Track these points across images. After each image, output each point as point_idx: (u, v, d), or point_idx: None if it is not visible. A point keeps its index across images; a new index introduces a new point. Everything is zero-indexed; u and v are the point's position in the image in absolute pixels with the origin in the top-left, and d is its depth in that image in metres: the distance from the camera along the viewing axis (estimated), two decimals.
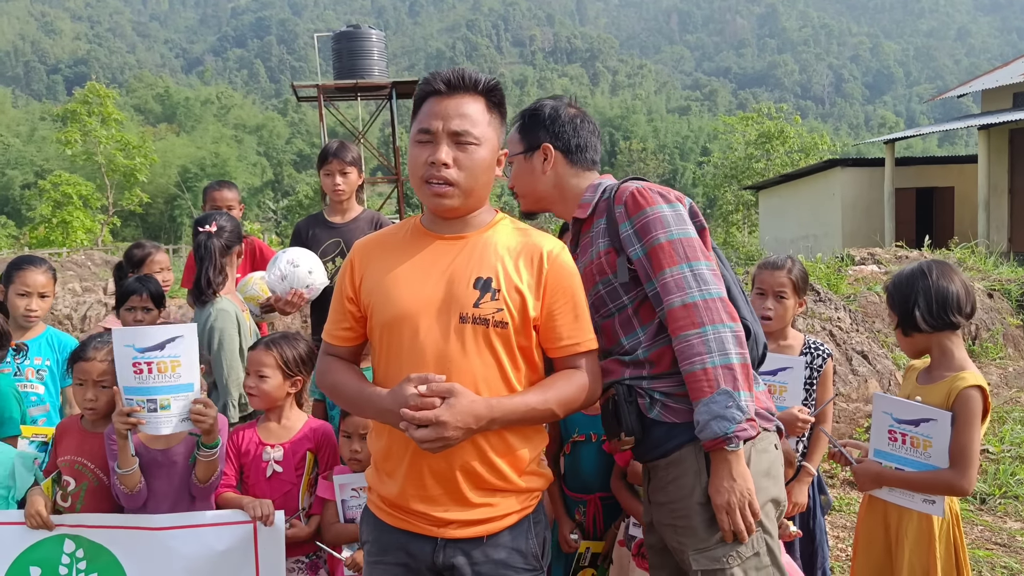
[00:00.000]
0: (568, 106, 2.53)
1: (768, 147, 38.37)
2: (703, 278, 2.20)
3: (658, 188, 2.36)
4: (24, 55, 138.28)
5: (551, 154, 2.47)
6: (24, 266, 3.71)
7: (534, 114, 2.52)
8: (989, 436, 6.13)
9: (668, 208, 2.28)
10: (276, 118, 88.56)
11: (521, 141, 2.52)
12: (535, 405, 2.09)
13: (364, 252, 2.27)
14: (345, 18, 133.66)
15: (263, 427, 3.11)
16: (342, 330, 2.27)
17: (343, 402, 2.30)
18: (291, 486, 3.04)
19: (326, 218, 4.46)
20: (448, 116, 2.10)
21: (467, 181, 2.11)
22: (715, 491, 2.17)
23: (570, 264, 2.20)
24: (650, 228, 2.27)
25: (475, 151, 2.11)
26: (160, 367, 2.62)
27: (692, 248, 2.24)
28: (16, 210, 48.52)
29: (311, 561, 3.07)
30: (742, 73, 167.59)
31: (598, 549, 2.95)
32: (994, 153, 19.40)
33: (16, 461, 2.98)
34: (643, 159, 68.60)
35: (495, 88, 2.17)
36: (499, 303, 2.08)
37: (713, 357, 2.14)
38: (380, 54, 23.91)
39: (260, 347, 3.10)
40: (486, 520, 2.12)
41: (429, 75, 2.17)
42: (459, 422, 1.97)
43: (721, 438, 2.10)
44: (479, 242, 2.17)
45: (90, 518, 2.82)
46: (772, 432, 2.35)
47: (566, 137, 2.47)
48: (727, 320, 2.18)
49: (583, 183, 2.50)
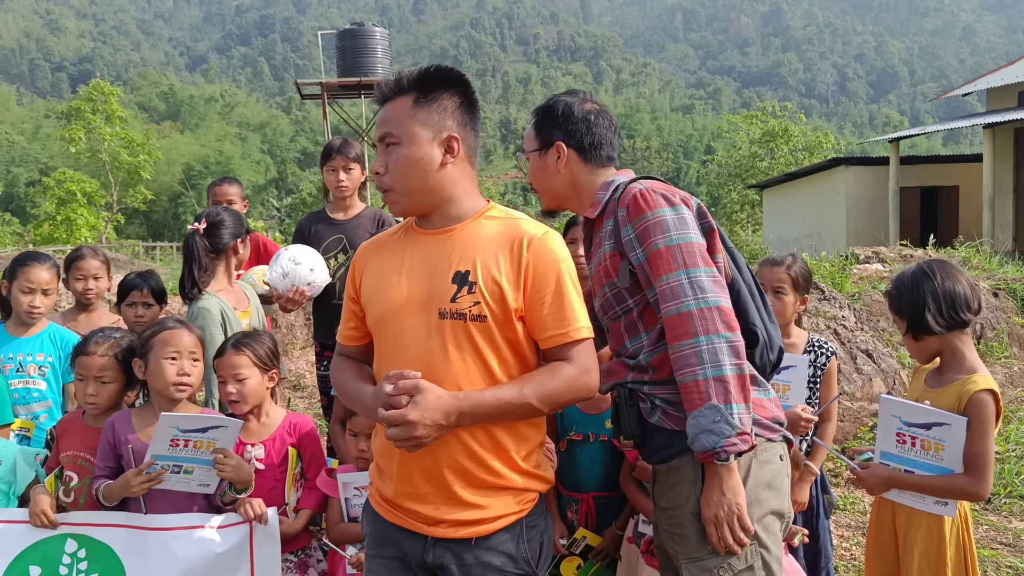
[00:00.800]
0: (584, 102, 2.48)
1: (772, 146, 38.28)
2: (700, 286, 2.14)
3: (663, 189, 2.31)
4: (29, 52, 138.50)
5: (564, 152, 2.44)
6: (28, 262, 3.71)
7: (548, 111, 2.48)
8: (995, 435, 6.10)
9: (670, 212, 2.22)
10: (280, 116, 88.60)
11: (536, 138, 2.50)
12: (509, 399, 2.02)
13: (364, 253, 2.30)
14: (349, 16, 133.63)
15: (243, 427, 3.05)
16: (349, 330, 2.31)
17: (345, 400, 2.31)
18: (275, 482, 3.04)
19: (329, 215, 4.47)
20: (378, 125, 2.16)
21: (395, 182, 2.11)
22: (704, 503, 2.14)
23: (555, 249, 2.10)
24: (650, 233, 2.21)
25: (395, 151, 2.11)
26: (196, 444, 2.74)
27: (691, 254, 2.17)
28: (21, 207, 48.59)
29: (299, 560, 3.06)
30: (746, 72, 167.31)
31: (594, 543, 2.93)
32: (999, 152, 19.32)
33: (18, 456, 2.99)
34: (647, 158, 68.43)
35: (422, 78, 2.12)
36: (475, 296, 2.04)
37: (705, 369, 2.08)
38: (384, 52, 23.87)
39: (228, 351, 3.05)
40: (477, 522, 2.08)
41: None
42: (427, 419, 1.93)
43: (710, 452, 2.07)
44: (463, 234, 2.13)
45: (94, 516, 2.83)
46: (778, 442, 2.30)
47: (579, 135, 2.43)
48: (723, 330, 2.11)
49: (598, 180, 2.45)
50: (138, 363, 2.90)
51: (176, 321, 2.96)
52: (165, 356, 2.84)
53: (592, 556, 2.94)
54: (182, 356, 2.86)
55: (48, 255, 3.98)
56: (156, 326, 2.93)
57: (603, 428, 2.95)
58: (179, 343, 2.87)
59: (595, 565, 2.95)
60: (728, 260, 2.34)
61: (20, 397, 3.62)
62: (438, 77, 2.13)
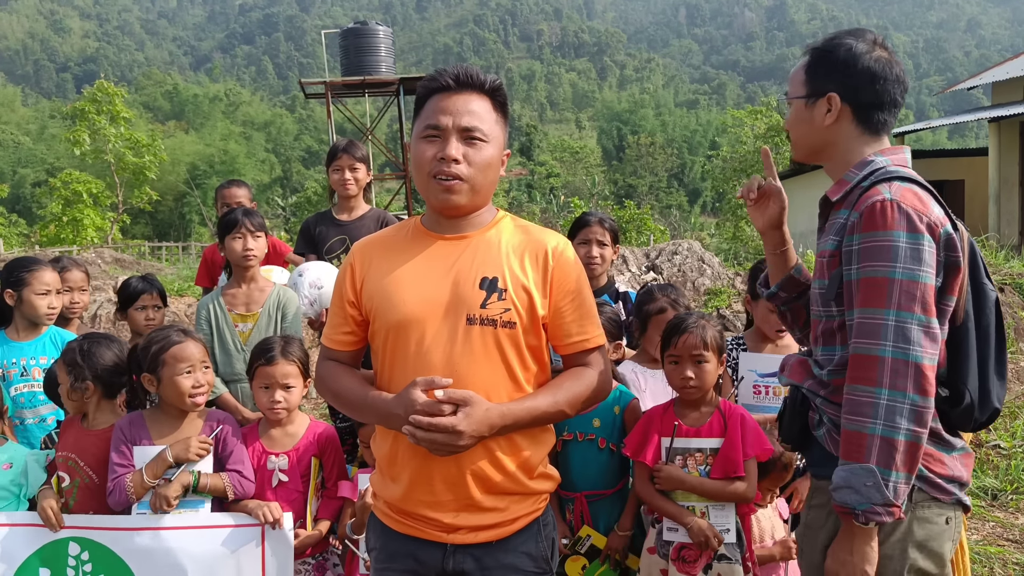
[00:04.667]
0: (873, 48, 2.09)
1: (777, 140, 38.17)
2: (906, 335, 1.87)
3: (913, 205, 1.94)
4: (34, 53, 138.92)
5: (836, 106, 2.10)
6: (32, 267, 3.71)
7: (826, 54, 2.11)
8: (1000, 431, 6.09)
9: (906, 239, 1.90)
10: (284, 115, 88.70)
11: (805, 83, 2.15)
12: (546, 408, 2.08)
13: (364, 254, 2.22)
14: (353, 14, 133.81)
15: (266, 436, 3.07)
16: (343, 334, 2.22)
17: (345, 408, 2.27)
18: (298, 494, 3.03)
19: (333, 216, 4.49)
20: (457, 112, 2.08)
21: (476, 177, 2.09)
22: (831, 553, 2.00)
23: (575, 260, 2.18)
24: (874, 255, 1.93)
25: (484, 148, 2.10)
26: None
27: (910, 296, 1.88)
28: (27, 208, 48.67)
29: (317, 562, 3.07)
30: (751, 66, 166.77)
31: (600, 543, 2.92)
32: (1005, 146, 19.25)
33: (29, 459, 3.01)
34: (651, 153, 68.26)
35: (499, 88, 2.16)
36: (506, 303, 2.05)
37: (876, 425, 1.87)
38: (388, 50, 23.90)
39: (279, 359, 3.04)
40: (496, 525, 2.10)
41: (436, 71, 2.15)
42: (474, 431, 1.95)
43: (849, 510, 1.92)
44: (482, 241, 2.14)
45: (96, 519, 2.82)
46: (947, 504, 2.03)
47: (859, 90, 2.08)
48: (912, 391, 1.86)
49: (863, 151, 2.11)
50: (148, 378, 2.89)
51: (180, 332, 2.94)
52: (179, 373, 2.86)
53: (601, 560, 2.93)
54: (196, 369, 2.88)
55: (43, 259, 4.00)
56: (162, 340, 2.90)
57: (591, 427, 2.97)
58: (191, 357, 2.88)
59: (601, 567, 2.95)
60: (969, 300, 2.04)
61: (26, 401, 3.63)
62: (504, 94, 2.18)
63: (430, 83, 2.14)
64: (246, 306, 3.79)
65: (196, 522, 2.81)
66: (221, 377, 3.71)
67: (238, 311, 3.77)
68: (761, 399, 3.19)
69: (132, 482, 2.77)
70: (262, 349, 3.10)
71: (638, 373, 3.37)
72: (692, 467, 2.80)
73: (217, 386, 3.68)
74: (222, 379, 3.70)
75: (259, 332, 3.68)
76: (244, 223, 3.74)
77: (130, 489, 2.76)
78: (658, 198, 61.09)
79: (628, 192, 56.74)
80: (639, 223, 24.74)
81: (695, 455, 2.81)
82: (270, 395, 3.02)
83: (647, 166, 67.63)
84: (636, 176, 65.87)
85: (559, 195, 40.81)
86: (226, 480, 2.86)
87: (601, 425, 2.98)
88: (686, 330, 2.84)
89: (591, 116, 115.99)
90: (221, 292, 3.85)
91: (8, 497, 2.95)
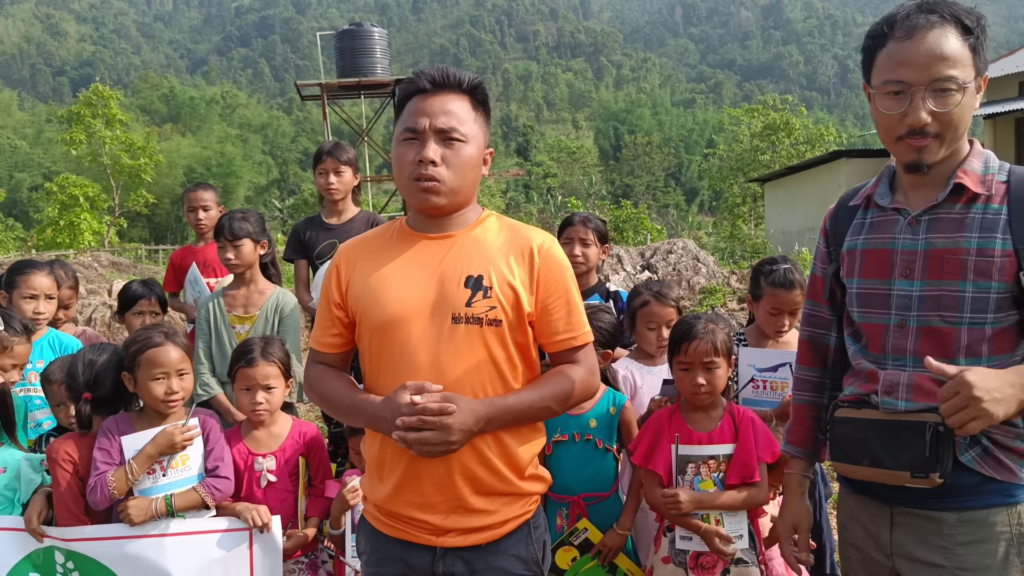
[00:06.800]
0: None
1: (774, 139, 38.19)
2: None
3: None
4: (30, 57, 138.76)
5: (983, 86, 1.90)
6: (26, 270, 3.72)
7: (982, 28, 1.86)
8: None
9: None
10: (281, 117, 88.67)
11: (974, 63, 1.87)
12: (532, 403, 2.08)
13: (349, 256, 2.22)
14: (348, 16, 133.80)
15: (249, 437, 3.06)
16: (331, 337, 2.22)
17: (333, 411, 2.26)
18: (287, 494, 3.02)
19: (323, 220, 4.50)
20: (434, 114, 2.07)
21: (454, 179, 2.08)
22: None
23: (561, 257, 2.17)
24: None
25: (462, 148, 2.09)
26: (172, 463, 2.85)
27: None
28: (24, 212, 48.63)
29: (310, 560, 3.07)
30: (747, 65, 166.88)
31: (596, 538, 2.90)
32: (1000, 142, 19.27)
33: (22, 463, 3.00)
34: (648, 153, 68.29)
35: (479, 86, 2.15)
36: (492, 301, 2.05)
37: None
38: (383, 52, 23.91)
39: (259, 360, 3.02)
40: (486, 527, 2.09)
41: (414, 73, 2.14)
42: (461, 424, 1.95)
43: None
44: (467, 240, 2.14)
45: (77, 531, 2.78)
46: None
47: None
48: None
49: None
50: (127, 376, 2.86)
51: (162, 335, 2.89)
52: (152, 378, 2.80)
53: (592, 554, 2.91)
54: (169, 376, 2.82)
55: (44, 262, 4.00)
56: (142, 341, 2.84)
57: (587, 428, 2.95)
58: (166, 362, 2.81)
59: (591, 561, 2.92)
60: None
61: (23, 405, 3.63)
62: (485, 92, 2.16)
63: (408, 86, 2.14)
64: (245, 308, 3.81)
65: (183, 528, 2.79)
66: (218, 378, 3.73)
67: (237, 312, 3.79)
68: (759, 394, 3.18)
69: (114, 479, 2.72)
70: (242, 351, 3.08)
71: (634, 370, 3.37)
72: (706, 475, 2.75)
73: (212, 387, 3.69)
74: (219, 380, 3.71)
75: (255, 334, 3.68)
76: (224, 233, 3.78)
77: (112, 487, 2.72)
78: (655, 197, 61.17)
79: (625, 192, 56.81)
80: (636, 223, 24.72)
81: (708, 463, 2.75)
82: (251, 397, 3.00)
83: (644, 166, 67.67)
84: (633, 176, 65.93)
85: (556, 195, 40.75)
86: (201, 491, 2.82)
87: (598, 426, 2.97)
88: (695, 336, 2.76)
89: (588, 116, 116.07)
90: (222, 293, 3.87)
91: (2, 502, 2.95)
